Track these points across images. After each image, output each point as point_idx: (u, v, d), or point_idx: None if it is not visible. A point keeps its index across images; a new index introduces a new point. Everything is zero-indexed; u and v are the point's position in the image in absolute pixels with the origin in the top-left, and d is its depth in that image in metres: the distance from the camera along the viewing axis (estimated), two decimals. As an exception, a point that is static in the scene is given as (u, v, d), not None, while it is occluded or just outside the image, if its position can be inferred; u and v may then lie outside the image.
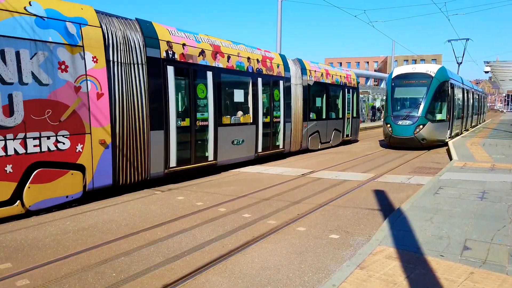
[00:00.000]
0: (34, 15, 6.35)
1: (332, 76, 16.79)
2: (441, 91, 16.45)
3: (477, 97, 30.55)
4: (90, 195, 7.45)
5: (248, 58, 11.49)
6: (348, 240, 5.34)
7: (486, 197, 6.98)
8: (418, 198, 7.02)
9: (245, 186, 8.97)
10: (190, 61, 9.37)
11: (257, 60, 11.88)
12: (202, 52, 9.72)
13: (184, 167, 9.37)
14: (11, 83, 6.03)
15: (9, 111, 6.01)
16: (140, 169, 8.23)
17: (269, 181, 9.45)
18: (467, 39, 30.81)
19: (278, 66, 12.85)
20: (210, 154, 10.19)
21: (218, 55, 10.25)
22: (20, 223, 6.13)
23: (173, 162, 9.02)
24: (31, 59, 6.26)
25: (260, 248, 5.06)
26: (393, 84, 17.03)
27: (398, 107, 16.67)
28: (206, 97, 9.89)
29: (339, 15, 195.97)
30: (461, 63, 32.59)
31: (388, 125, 16.41)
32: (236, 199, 7.67)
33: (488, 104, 65.84)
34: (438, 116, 16.54)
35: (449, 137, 17.80)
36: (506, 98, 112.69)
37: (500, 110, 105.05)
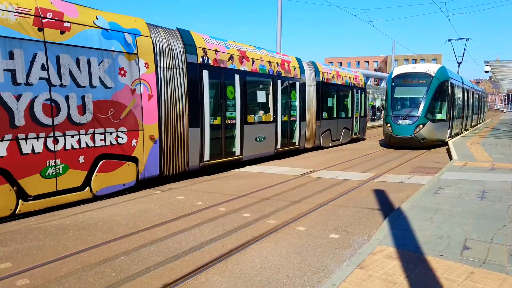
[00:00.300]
0: (101, 27, 7.44)
1: (342, 77, 17.63)
2: (441, 90, 16.44)
3: (477, 96, 30.54)
4: (141, 184, 8.48)
5: (269, 62, 12.48)
6: (348, 239, 5.34)
7: (486, 197, 6.98)
8: (418, 197, 7.02)
9: (245, 185, 8.97)
10: (221, 65, 10.42)
11: (277, 63, 12.85)
12: (231, 57, 10.78)
13: (215, 161, 10.43)
14: (84, 87, 7.13)
15: (82, 110, 7.13)
16: (181, 162, 9.30)
17: (269, 181, 9.45)
18: (467, 39, 30.82)
19: (295, 69, 13.86)
20: (237, 149, 11.22)
21: (244, 59, 11.31)
22: (20, 223, 6.13)
23: (206, 156, 10.06)
24: (98, 65, 7.34)
25: (260, 247, 5.06)
26: (393, 83, 17.02)
27: (398, 107, 16.66)
28: (234, 98, 10.92)
29: (339, 15, 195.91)
30: (461, 62, 32.60)
31: (388, 125, 16.41)
32: (236, 199, 7.67)
33: (488, 104, 65.82)
34: (438, 116, 16.53)
35: (449, 137, 17.80)
36: (506, 97, 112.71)
37: (500, 109, 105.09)
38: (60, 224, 6.05)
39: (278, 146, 13.02)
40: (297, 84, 13.91)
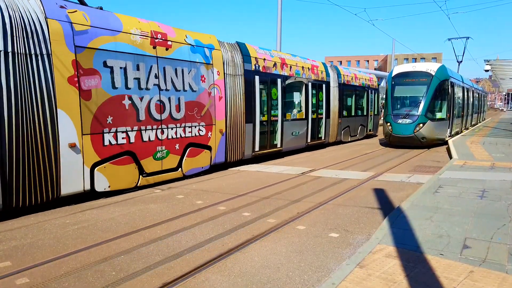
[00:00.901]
0: (189, 44, 9.52)
1: (359, 79, 19.64)
2: (441, 89, 16.43)
3: (477, 95, 30.52)
4: (212, 168, 10.59)
5: (302, 67, 14.46)
6: (348, 238, 5.34)
7: (486, 196, 6.98)
8: (418, 196, 7.01)
9: (245, 184, 8.97)
10: (268, 71, 12.46)
11: (308, 68, 14.86)
12: (274, 64, 12.81)
13: (263, 151, 12.54)
14: (179, 90, 9.22)
15: (178, 108, 9.25)
16: (240, 151, 11.46)
17: (269, 180, 9.45)
18: (467, 38, 30.78)
19: (321, 72, 15.97)
20: (278, 142, 13.30)
21: (284, 66, 13.32)
22: (20, 222, 6.13)
23: (257, 147, 12.20)
24: (188, 74, 9.42)
25: (260, 246, 5.06)
26: (393, 82, 17.02)
27: (398, 106, 16.66)
28: (276, 98, 12.92)
29: (339, 13, 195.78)
30: (461, 61, 32.57)
31: (388, 124, 16.41)
32: (235, 198, 7.67)
33: (488, 103, 65.80)
34: (438, 115, 16.52)
35: (449, 136, 17.80)
36: (506, 96, 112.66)
37: (500, 108, 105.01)
38: (60, 223, 6.05)
39: (309, 140, 15.21)
40: (323, 86, 16.01)
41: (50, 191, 6.78)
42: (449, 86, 17.19)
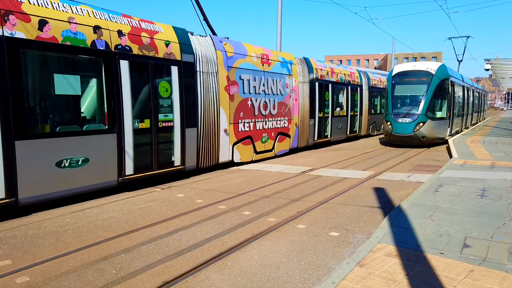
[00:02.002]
0: (280, 61, 13.25)
1: (383, 82, 22.85)
2: (441, 88, 16.42)
3: (477, 94, 30.50)
4: (290, 152, 14.21)
5: (344, 74, 18.03)
6: (348, 237, 5.34)
7: (486, 195, 6.98)
8: (418, 195, 7.01)
9: (245, 183, 8.97)
10: (323, 79, 16.00)
11: (347, 75, 18.45)
12: (327, 73, 16.41)
13: (320, 140, 16.17)
14: (275, 94, 12.89)
15: (274, 107, 12.91)
16: (305, 140, 15.07)
17: (269, 179, 9.45)
18: (468, 37, 30.77)
19: (357, 78, 19.44)
20: (328, 134, 16.93)
21: (332, 73, 16.87)
22: (20, 221, 6.14)
23: (316, 137, 15.83)
24: (279, 82, 13.10)
25: (260, 245, 5.06)
26: (393, 81, 17.00)
27: (398, 105, 16.64)
28: (328, 99, 16.47)
29: (339, 12, 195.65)
30: (461, 60, 32.56)
31: (388, 123, 16.40)
32: (236, 197, 7.67)
33: (488, 102, 65.79)
34: (438, 114, 16.50)
35: (449, 135, 17.79)
36: (506, 96, 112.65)
37: (500, 108, 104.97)
38: (60, 222, 6.05)
39: (348, 132, 18.70)
40: (358, 88, 19.43)
41: (214, 159, 10.57)
42: (449, 85, 17.18)
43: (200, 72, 9.79)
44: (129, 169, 8.08)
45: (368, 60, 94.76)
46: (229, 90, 10.85)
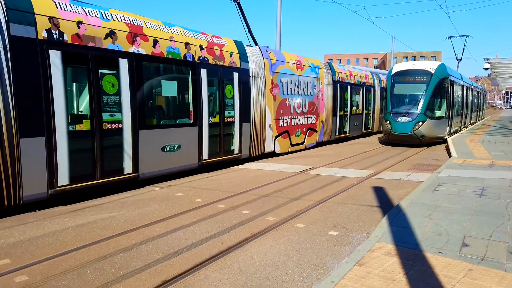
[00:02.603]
0: (309, 66, 15.12)
1: None
2: (440, 88, 16.42)
3: (477, 94, 30.51)
4: (318, 145, 16.14)
5: (360, 76, 20.00)
6: (347, 236, 5.34)
7: (485, 194, 6.99)
8: (417, 194, 7.02)
9: (244, 182, 8.97)
10: (343, 81, 18.00)
11: (363, 77, 20.36)
12: (347, 75, 18.45)
13: (340, 136, 18.03)
14: (306, 95, 14.79)
15: (305, 106, 14.81)
16: (329, 135, 17.05)
17: (268, 178, 9.45)
18: (467, 36, 30.74)
19: (370, 79, 21.36)
20: (347, 130, 18.75)
21: (351, 76, 18.87)
22: (19, 220, 6.13)
23: (337, 133, 17.79)
24: (309, 84, 15.02)
25: (259, 244, 5.06)
26: (392, 80, 17.00)
27: (398, 104, 16.64)
28: (347, 99, 18.40)
29: (338, 11, 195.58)
30: (460, 60, 32.53)
31: (388, 122, 16.40)
32: (235, 196, 7.67)
33: (487, 101, 65.82)
34: (438, 113, 16.51)
35: (448, 134, 17.79)
36: (505, 95, 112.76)
37: (499, 107, 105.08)
38: (59, 221, 6.04)
39: (363, 129, 20.70)
40: (371, 89, 21.33)
41: (261, 149, 12.50)
42: (449, 85, 17.18)
43: (252, 77, 11.80)
44: (205, 155, 10.09)
45: (367, 59, 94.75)
46: (273, 92, 12.94)
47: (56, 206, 6.83)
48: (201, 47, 9.87)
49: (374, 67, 79.59)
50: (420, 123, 15.63)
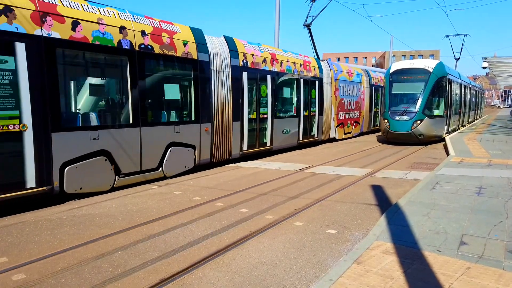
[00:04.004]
0: (355, 73, 19.79)
1: None
2: (438, 86, 16.44)
3: (475, 92, 30.57)
4: (359, 135, 19.68)
5: (380, 79, 23.44)
6: (346, 235, 5.34)
7: (483, 193, 7.00)
8: (415, 193, 7.03)
9: (242, 181, 8.96)
10: (376, 84, 22.53)
11: (376, 77, 23.37)
12: (378, 80, 22.90)
13: (373, 128, 22.51)
14: (354, 96, 19.51)
15: (353, 104, 19.50)
16: (367, 127, 21.59)
17: (266, 176, 9.44)
18: (465, 35, 30.83)
19: (380, 80, 24.17)
20: (378, 123, 22.72)
21: (380, 80, 22.77)
22: (17, 218, 6.10)
23: (372, 126, 22.43)
24: (356, 87, 19.69)
25: (257, 243, 5.05)
26: (390, 79, 17.02)
27: (396, 103, 16.65)
28: (378, 99, 22.64)
29: (337, 9, 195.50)
30: (459, 58, 32.64)
31: (386, 121, 16.42)
32: (233, 194, 7.66)
33: (485, 100, 65.95)
34: (436, 112, 16.54)
35: (446, 133, 17.83)
36: (503, 94, 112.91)
37: (497, 106, 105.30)
38: (57, 219, 6.02)
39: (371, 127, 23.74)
40: (380, 89, 23.84)
41: (328, 135, 16.87)
42: (447, 83, 17.20)
43: (325, 83, 16.57)
44: (301, 137, 14.93)
45: (365, 57, 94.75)
46: (335, 94, 17.46)
47: (55, 205, 6.81)
48: (300, 65, 14.72)
49: (372, 66, 79.61)
50: (418, 122, 15.65)
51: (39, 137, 6.52)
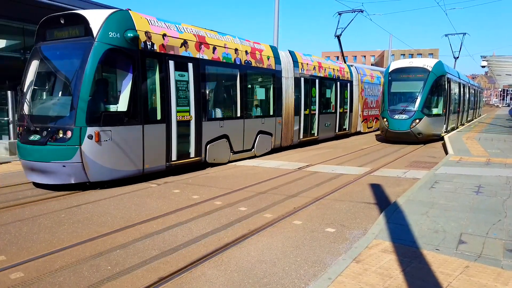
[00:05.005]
0: (376, 76, 23.05)
1: None
2: (437, 85, 16.45)
3: (473, 91, 30.59)
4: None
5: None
6: (344, 233, 5.34)
7: (481, 192, 7.00)
8: (414, 192, 7.03)
9: (241, 179, 8.95)
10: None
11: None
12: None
13: None
14: (375, 95, 22.45)
15: (374, 103, 22.33)
16: None
17: (265, 175, 9.44)
18: (464, 34, 30.80)
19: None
20: None
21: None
22: (15, 216, 6.09)
23: None
24: (376, 88, 22.77)
25: (256, 241, 5.05)
26: (390, 78, 17.01)
27: (395, 101, 16.65)
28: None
29: (336, 8, 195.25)
30: (457, 57, 32.62)
31: (385, 119, 16.42)
32: (232, 193, 7.65)
33: (484, 99, 66.06)
34: (435, 111, 16.55)
35: (445, 132, 17.84)
36: (501, 93, 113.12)
37: (496, 105, 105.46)
38: (55, 217, 6.01)
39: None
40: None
41: (356, 128, 20.11)
42: (446, 82, 17.20)
43: (354, 85, 19.48)
44: (337, 129, 17.93)
45: (364, 56, 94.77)
46: (361, 94, 20.42)
47: (53, 204, 6.80)
48: (337, 71, 17.79)
49: (372, 64, 79.65)
50: (417, 121, 15.65)
51: (197, 124, 9.75)
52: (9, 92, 12.26)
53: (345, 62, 20.55)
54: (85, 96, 7.40)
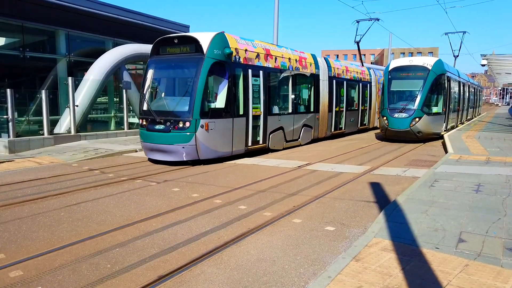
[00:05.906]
0: (379, 76, 24.05)
1: None
2: (437, 84, 16.43)
3: (473, 90, 30.58)
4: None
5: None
6: (344, 232, 5.34)
7: (481, 190, 7.00)
8: (414, 190, 7.02)
9: (241, 178, 8.95)
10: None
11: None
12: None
13: None
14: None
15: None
16: None
17: (265, 173, 9.43)
18: (464, 32, 30.72)
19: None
20: None
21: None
22: (14, 214, 6.09)
23: None
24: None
25: (255, 240, 5.05)
26: (389, 76, 16.98)
27: (395, 100, 16.63)
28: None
29: (336, 6, 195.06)
30: (457, 56, 32.50)
31: (384, 118, 16.41)
32: (231, 191, 7.65)
33: (483, 98, 66.03)
34: (434, 109, 16.53)
35: (444, 130, 17.84)
36: (501, 91, 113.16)
37: (495, 103, 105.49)
38: (54, 216, 6.00)
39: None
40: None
41: (373, 123, 22.24)
42: (446, 81, 17.19)
43: (373, 85, 21.55)
44: (359, 124, 20.37)
45: (364, 55, 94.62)
46: (378, 93, 21.82)
47: (52, 202, 6.79)
48: (357, 73, 20.06)
49: (371, 63, 79.60)
50: (417, 119, 15.64)
51: (264, 118, 12.37)
52: (8, 90, 12.22)
53: (362, 65, 22.67)
54: (199, 97, 10.00)
